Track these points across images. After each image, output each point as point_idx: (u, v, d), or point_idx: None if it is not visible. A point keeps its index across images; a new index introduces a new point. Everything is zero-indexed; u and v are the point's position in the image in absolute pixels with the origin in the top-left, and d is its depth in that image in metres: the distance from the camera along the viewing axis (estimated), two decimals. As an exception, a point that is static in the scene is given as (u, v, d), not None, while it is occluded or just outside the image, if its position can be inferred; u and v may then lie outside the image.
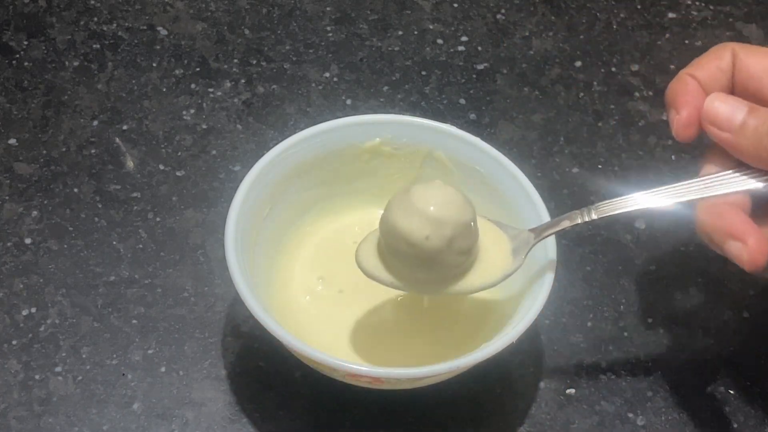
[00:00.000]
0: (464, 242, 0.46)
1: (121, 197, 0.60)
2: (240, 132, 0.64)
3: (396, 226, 0.45)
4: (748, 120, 0.43)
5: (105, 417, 0.51)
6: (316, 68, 0.67)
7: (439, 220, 0.45)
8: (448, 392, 0.50)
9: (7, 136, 0.62)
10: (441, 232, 0.45)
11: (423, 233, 0.45)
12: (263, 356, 0.53)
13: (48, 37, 0.68)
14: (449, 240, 0.45)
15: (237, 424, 0.51)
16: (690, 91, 0.46)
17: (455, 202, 0.46)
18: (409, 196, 0.46)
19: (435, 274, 0.47)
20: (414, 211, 0.45)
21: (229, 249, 0.48)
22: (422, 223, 0.45)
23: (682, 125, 0.45)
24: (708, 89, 0.46)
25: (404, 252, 0.46)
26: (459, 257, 0.46)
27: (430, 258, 0.46)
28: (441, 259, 0.46)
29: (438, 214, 0.45)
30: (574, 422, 0.52)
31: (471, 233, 0.46)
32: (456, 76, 0.68)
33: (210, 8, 0.71)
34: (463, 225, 0.46)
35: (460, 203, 0.46)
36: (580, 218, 0.48)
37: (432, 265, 0.46)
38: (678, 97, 0.46)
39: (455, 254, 0.46)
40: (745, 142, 0.43)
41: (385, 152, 0.55)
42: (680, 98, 0.46)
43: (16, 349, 0.53)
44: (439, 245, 0.45)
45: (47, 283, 0.56)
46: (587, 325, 0.56)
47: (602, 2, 0.73)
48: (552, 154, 0.64)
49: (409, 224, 0.45)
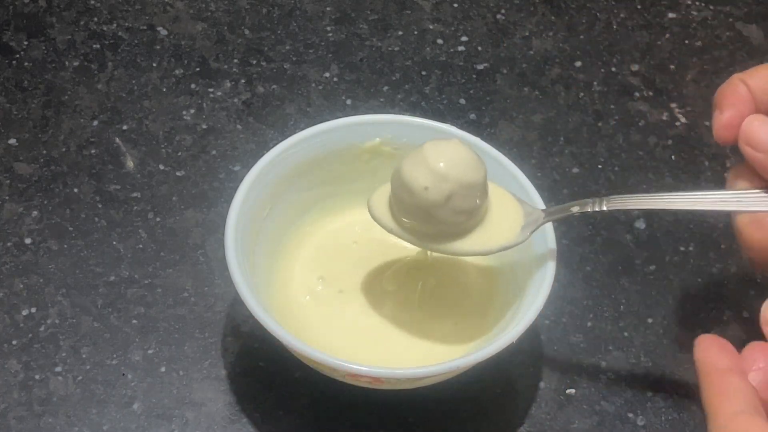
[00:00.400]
0: (464, 202, 0.46)
1: (121, 197, 0.60)
2: (240, 132, 0.64)
3: (401, 172, 0.46)
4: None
5: (105, 417, 0.51)
6: (316, 68, 0.67)
7: (440, 174, 0.45)
8: (448, 392, 0.50)
9: (7, 136, 0.62)
10: (440, 186, 0.45)
11: (423, 184, 0.45)
12: (263, 356, 0.53)
13: (48, 37, 0.68)
14: (447, 196, 0.45)
15: (237, 424, 0.51)
16: (738, 95, 0.45)
17: (463, 162, 0.46)
18: (423, 147, 0.47)
19: (432, 229, 0.47)
20: (420, 161, 0.46)
21: (229, 249, 0.48)
22: (424, 174, 0.46)
23: (723, 126, 0.45)
24: (758, 97, 0.45)
25: (406, 200, 0.47)
26: (456, 216, 0.47)
27: (427, 210, 0.46)
28: (437, 213, 0.46)
29: (441, 168, 0.45)
30: (574, 422, 0.52)
31: (473, 195, 0.47)
32: (456, 76, 0.68)
33: (210, 8, 0.71)
34: (466, 185, 0.46)
35: (468, 163, 0.46)
36: (590, 207, 0.48)
37: (428, 218, 0.47)
38: (724, 98, 0.45)
39: (452, 212, 0.46)
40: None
41: (385, 152, 0.55)
42: (726, 99, 0.45)
43: (16, 349, 0.53)
44: (436, 199, 0.46)
45: (47, 283, 0.56)
46: (587, 325, 0.56)
47: (602, 2, 0.73)
48: (552, 154, 0.64)
49: (413, 173, 0.46)
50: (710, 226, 0.61)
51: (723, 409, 0.40)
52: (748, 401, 0.40)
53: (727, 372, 0.41)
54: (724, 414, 0.40)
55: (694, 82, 0.69)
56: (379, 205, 0.49)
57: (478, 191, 0.47)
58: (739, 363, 0.42)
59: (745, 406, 0.40)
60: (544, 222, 0.49)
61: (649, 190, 0.62)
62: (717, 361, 0.42)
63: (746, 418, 0.39)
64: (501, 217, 0.49)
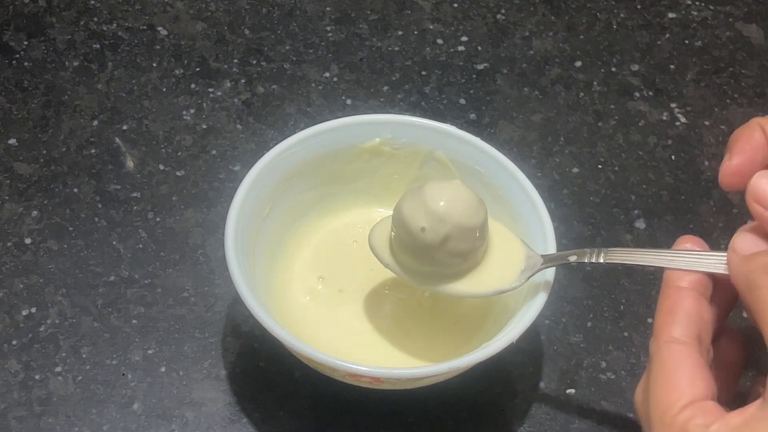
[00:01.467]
0: (460, 245, 0.46)
1: (121, 197, 0.60)
2: (240, 132, 0.64)
3: (401, 210, 0.46)
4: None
5: (105, 417, 0.51)
6: (316, 68, 0.67)
7: (439, 215, 0.45)
8: (448, 392, 0.50)
9: (7, 136, 0.62)
10: (437, 228, 0.45)
11: (420, 224, 0.45)
12: (263, 356, 0.53)
13: (48, 37, 0.68)
14: (444, 238, 0.45)
15: (237, 424, 0.51)
16: (752, 141, 0.42)
17: (462, 205, 0.46)
18: (424, 187, 0.46)
19: (427, 268, 0.47)
20: (420, 201, 0.46)
21: (229, 249, 0.48)
22: (423, 214, 0.45)
23: (729, 173, 0.42)
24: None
25: (403, 238, 0.47)
26: (452, 258, 0.46)
27: (423, 251, 0.46)
28: (433, 255, 0.46)
29: (440, 209, 0.45)
30: (574, 422, 0.52)
31: (470, 239, 0.46)
32: (456, 76, 0.68)
33: (210, 8, 0.71)
34: (463, 228, 0.46)
35: (467, 207, 0.46)
36: (587, 258, 0.46)
37: (424, 258, 0.47)
38: (737, 143, 0.43)
39: (448, 254, 0.46)
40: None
41: (385, 152, 0.55)
42: (739, 144, 0.43)
43: (16, 349, 0.53)
44: (433, 240, 0.45)
45: (47, 283, 0.56)
46: (587, 325, 0.56)
47: (602, 2, 0.73)
48: (552, 154, 0.64)
49: (412, 212, 0.46)
50: (710, 226, 0.61)
51: (663, 331, 0.41)
52: (690, 328, 0.40)
53: (683, 291, 0.41)
54: (662, 337, 0.40)
55: (694, 82, 0.69)
56: (380, 239, 0.49)
57: (476, 234, 0.46)
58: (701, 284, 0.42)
59: (685, 334, 0.40)
60: (542, 268, 0.48)
61: (649, 190, 0.62)
62: (680, 278, 0.42)
63: (678, 348, 0.40)
64: (501, 259, 0.48)
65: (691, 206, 0.62)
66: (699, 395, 0.38)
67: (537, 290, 0.48)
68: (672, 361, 0.39)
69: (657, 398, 0.39)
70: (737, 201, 0.62)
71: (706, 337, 0.41)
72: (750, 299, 0.39)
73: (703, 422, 0.37)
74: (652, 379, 0.40)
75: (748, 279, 0.39)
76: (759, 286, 0.38)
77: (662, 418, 0.38)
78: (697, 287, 0.41)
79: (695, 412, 0.38)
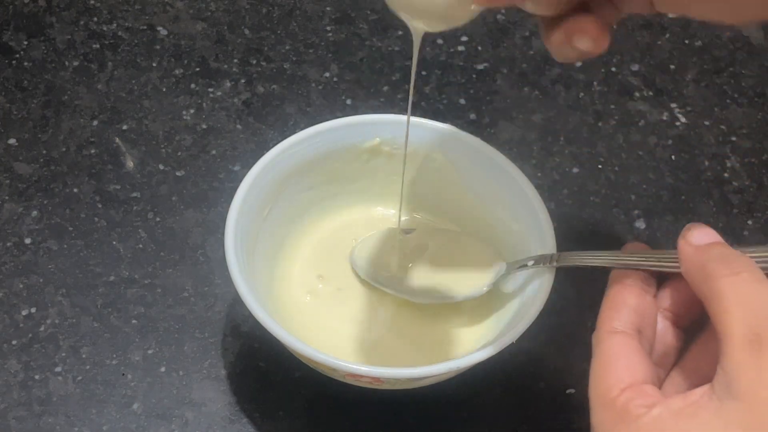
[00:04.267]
0: None
1: (121, 197, 0.60)
2: (240, 132, 0.64)
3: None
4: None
5: (105, 417, 0.51)
6: (316, 68, 0.67)
7: None
8: (448, 392, 0.50)
9: (7, 136, 0.62)
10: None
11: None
12: (263, 356, 0.53)
13: (48, 37, 0.68)
14: None
15: (237, 424, 0.51)
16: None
17: None
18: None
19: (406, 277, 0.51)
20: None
21: (229, 249, 0.48)
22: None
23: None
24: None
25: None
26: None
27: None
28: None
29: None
30: (574, 422, 0.52)
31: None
32: (456, 76, 0.68)
33: (210, 8, 0.71)
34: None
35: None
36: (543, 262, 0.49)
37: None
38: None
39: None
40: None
41: (385, 152, 0.55)
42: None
43: (16, 349, 0.53)
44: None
45: (47, 283, 0.56)
46: (587, 324, 0.56)
47: (602, 2, 0.73)
48: (552, 154, 0.64)
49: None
50: (710, 226, 0.60)
51: (606, 323, 0.41)
52: (631, 321, 0.41)
53: (628, 287, 0.42)
54: (604, 328, 0.41)
55: (694, 82, 0.69)
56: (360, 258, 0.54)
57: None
58: (644, 280, 0.43)
59: (625, 326, 0.41)
60: (505, 274, 0.51)
61: (649, 190, 0.62)
62: (624, 275, 0.43)
63: (620, 338, 0.41)
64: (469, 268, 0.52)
65: (691, 206, 0.62)
66: (638, 379, 0.39)
67: (537, 291, 0.48)
68: (613, 350, 0.40)
69: (597, 383, 0.40)
70: (737, 201, 0.62)
71: (648, 330, 0.42)
72: (704, 289, 0.39)
73: (643, 403, 0.37)
74: (592, 368, 0.40)
75: (703, 269, 0.39)
76: (714, 277, 0.38)
77: (602, 400, 0.39)
78: (640, 284, 0.43)
79: (635, 393, 0.38)
